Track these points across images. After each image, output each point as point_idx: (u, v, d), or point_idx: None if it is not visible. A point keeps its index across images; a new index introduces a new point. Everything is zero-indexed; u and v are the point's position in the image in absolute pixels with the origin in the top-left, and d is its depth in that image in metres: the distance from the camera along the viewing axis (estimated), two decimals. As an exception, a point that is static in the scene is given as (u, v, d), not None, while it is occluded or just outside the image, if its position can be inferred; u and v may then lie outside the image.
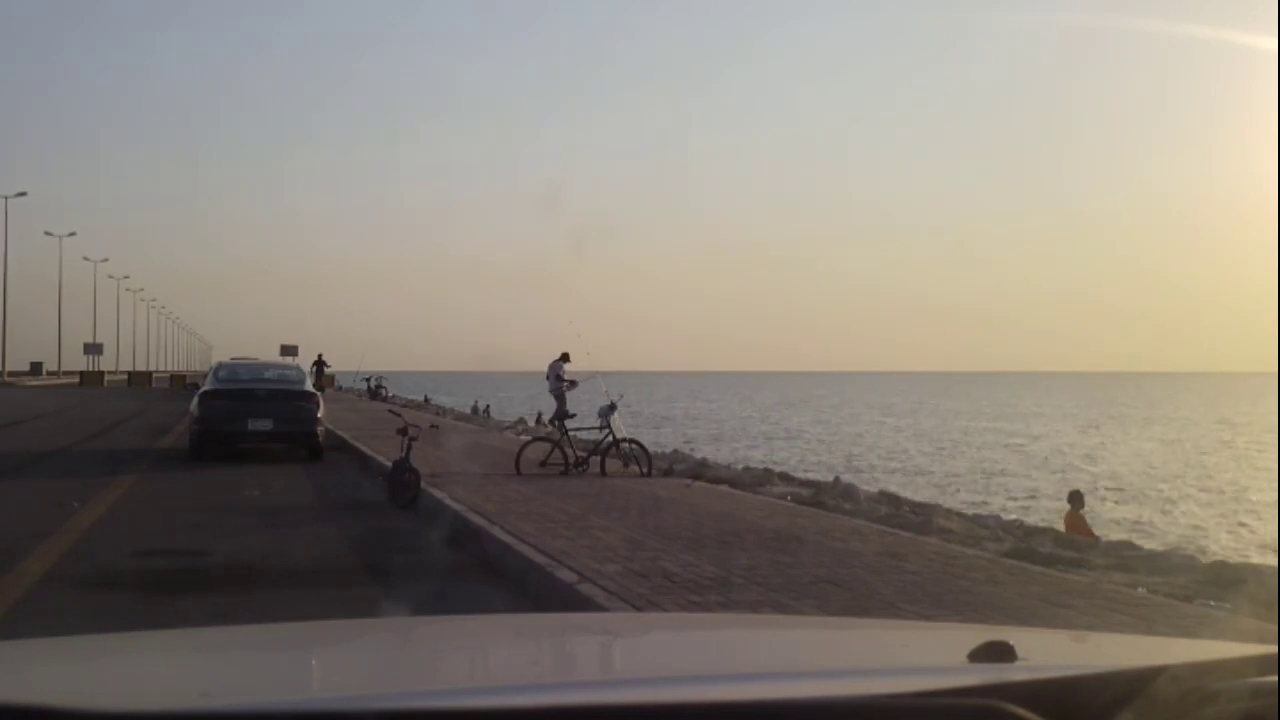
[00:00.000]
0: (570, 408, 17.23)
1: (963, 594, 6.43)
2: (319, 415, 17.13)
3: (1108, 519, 22.32)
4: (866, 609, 5.92)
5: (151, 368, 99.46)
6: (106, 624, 5.82)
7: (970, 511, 15.49)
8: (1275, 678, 1.38)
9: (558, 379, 19.86)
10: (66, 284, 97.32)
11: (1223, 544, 20.21)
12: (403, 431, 11.76)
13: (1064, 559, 8.30)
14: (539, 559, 7.45)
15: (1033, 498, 27.40)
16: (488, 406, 45.49)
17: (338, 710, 1.33)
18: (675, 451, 19.75)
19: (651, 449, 15.19)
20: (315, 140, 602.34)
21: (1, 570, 7.43)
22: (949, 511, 13.08)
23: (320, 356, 42.61)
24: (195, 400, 17.20)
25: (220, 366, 19.33)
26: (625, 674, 1.85)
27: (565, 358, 20.59)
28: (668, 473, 14.23)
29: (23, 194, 70.10)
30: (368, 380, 42.53)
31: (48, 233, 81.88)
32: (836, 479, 15.17)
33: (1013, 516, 16.72)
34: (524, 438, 17.91)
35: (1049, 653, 1.97)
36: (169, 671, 1.77)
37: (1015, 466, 37.22)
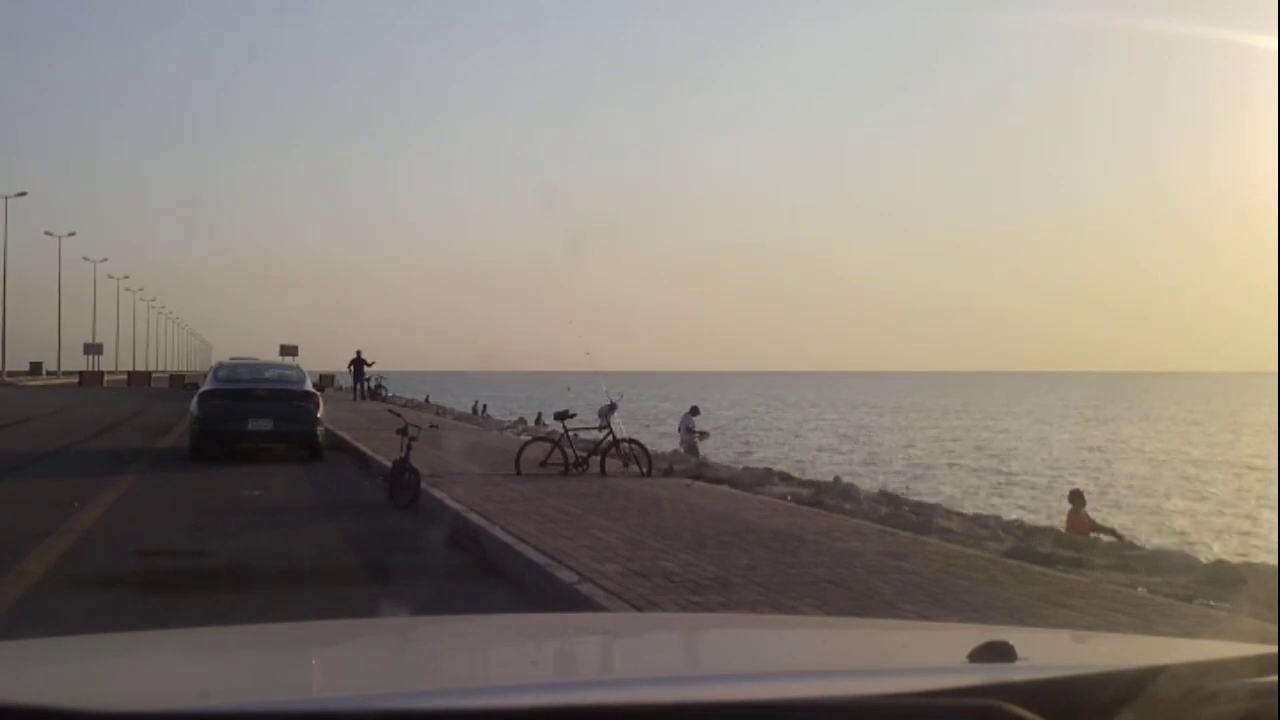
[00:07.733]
0: (573, 408, 17.33)
1: (963, 594, 6.43)
2: (319, 415, 17.14)
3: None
4: (866, 609, 5.92)
5: (151, 368, 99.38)
6: (106, 624, 5.82)
7: (971, 511, 15.48)
8: (1275, 678, 1.38)
9: (689, 431, 22.13)
10: (66, 284, 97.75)
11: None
12: (402, 431, 11.74)
13: (1064, 559, 8.31)
14: (539, 559, 7.45)
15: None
16: (485, 406, 45.33)
17: (338, 710, 1.33)
18: (675, 451, 19.76)
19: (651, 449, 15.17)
20: (315, 140, 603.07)
21: (2, 570, 7.43)
22: (949, 511, 13.11)
23: (359, 354, 40.41)
24: (195, 400, 17.20)
25: (220, 366, 19.32)
26: (625, 674, 1.85)
27: (695, 410, 22.96)
28: (668, 473, 14.22)
29: (23, 194, 70.19)
30: (368, 380, 42.40)
31: (48, 233, 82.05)
32: (836, 479, 15.16)
33: (1014, 516, 16.72)
34: (524, 438, 17.90)
35: (1049, 653, 1.97)
36: (169, 671, 1.77)
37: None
